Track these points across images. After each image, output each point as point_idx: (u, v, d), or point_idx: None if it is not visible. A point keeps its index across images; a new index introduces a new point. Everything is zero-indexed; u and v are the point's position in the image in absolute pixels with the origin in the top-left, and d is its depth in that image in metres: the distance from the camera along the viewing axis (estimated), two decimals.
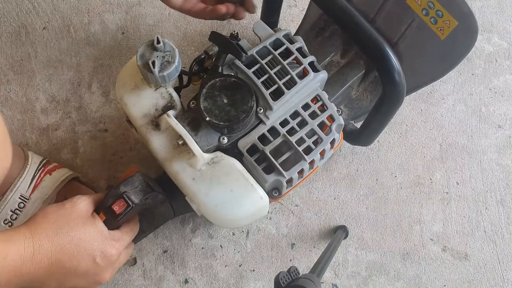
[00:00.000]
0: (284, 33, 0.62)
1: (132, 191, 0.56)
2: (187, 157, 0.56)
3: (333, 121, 0.59)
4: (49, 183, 0.67)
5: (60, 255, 0.51)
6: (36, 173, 0.67)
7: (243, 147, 0.57)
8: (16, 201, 0.65)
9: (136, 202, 0.56)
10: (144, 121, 0.58)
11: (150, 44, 0.56)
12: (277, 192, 0.58)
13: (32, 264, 0.49)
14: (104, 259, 0.55)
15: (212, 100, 0.56)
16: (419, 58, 0.72)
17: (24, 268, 0.49)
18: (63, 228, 0.52)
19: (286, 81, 0.59)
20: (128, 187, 0.56)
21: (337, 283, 0.73)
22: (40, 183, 0.66)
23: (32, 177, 0.66)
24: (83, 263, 0.53)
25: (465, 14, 0.70)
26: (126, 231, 0.59)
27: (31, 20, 0.83)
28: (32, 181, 0.66)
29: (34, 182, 0.66)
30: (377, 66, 0.56)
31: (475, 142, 0.80)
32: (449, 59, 0.73)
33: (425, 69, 0.73)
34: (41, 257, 0.50)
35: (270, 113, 0.58)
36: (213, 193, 0.55)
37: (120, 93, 0.59)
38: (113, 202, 0.55)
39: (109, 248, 0.55)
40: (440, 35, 0.70)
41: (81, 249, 0.53)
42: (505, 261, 0.75)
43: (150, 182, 0.58)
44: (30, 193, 0.65)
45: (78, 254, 0.53)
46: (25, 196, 0.65)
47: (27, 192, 0.65)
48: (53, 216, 0.53)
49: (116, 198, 0.55)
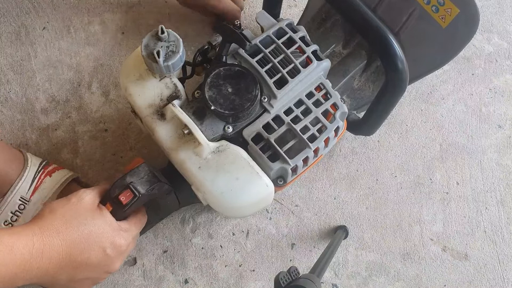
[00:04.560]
0: (287, 22, 0.62)
1: (139, 181, 0.57)
2: (193, 146, 0.56)
3: (337, 109, 0.60)
4: (50, 185, 0.66)
5: (70, 249, 0.52)
6: (36, 175, 0.67)
7: (248, 135, 0.57)
8: (16, 203, 0.65)
9: (143, 192, 0.56)
10: (149, 111, 0.58)
11: (155, 34, 0.56)
12: (282, 180, 0.59)
13: (42, 260, 0.49)
14: (114, 250, 0.55)
15: (216, 89, 0.56)
16: (421, 47, 0.72)
17: (33, 263, 0.49)
18: (72, 223, 0.53)
19: (289, 69, 0.59)
20: (134, 178, 0.57)
21: (337, 283, 0.73)
22: (40, 185, 0.66)
23: (32, 179, 0.66)
24: (94, 255, 0.54)
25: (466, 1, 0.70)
26: (134, 222, 0.59)
27: (31, 20, 0.83)
28: (32, 183, 0.66)
29: (35, 184, 0.66)
30: (380, 53, 0.57)
31: (475, 142, 0.80)
32: (451, 48, 0.73)
33: (427, 58, 0.73)
34: (51, 253, 0.50)
35: (274, 101, 0.58)
36: (219, 181, 0.55)
37: (124, 83, 0.59)
38: (119, 192, 0.56)
39: (118, 239, 0.56)
40: (442, 24, 0.69)
41: (92, 242, 0.53)
42: (505, 261, 0.75)
43: (155, 173, 0.59)
44: (30, 195, 0.65)
45: (89, 247, 0.53)
46: (26, 198, 0.65)
47: (27, 194, 0.65)
48: (61, 211, 0.54)
49: (122, 188, 0.56)
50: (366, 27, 0.57)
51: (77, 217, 0.54)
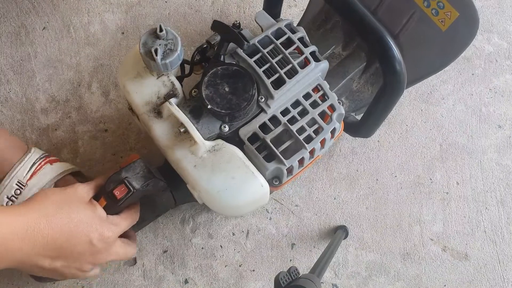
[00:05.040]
0: (286, 22, 0.62)
1: (133, 176, 0.57)
2: (189, 144, 0.56)
3: (334, 111, 0.60)
4: (49, 171, 0.65)
5: (57, 234, 0.51)
6: (37, 161, 0.65)
7: (244, 135, 0.57)
8: (13, 188, 0.63)
9: (137, 187, 0.56)
10: (146, 109, 0.58)
11: (153, 32, 0.56)
12: (278, 181, 0.59)
13: (25, 241, 0.49)
14: (100, 241, 0.55)
15: (213, 88, 0.56)
16: (421, 50, 0.72)
17: (14, 243, 0.48)
18: (63, 209, 0.53)
19: (287, 70, 0.59)
20: (130, 173, 0.57)
21: (337, 283, 0.73)
22: (39, 170, 0.64)
23: (32, 164, 0.64)
24: (80, 244, 0.54)
25: (466, 5, 0.70)
26: (125, 217, 0.60)
27: (31, 20, 0.83)
28: (31, 167, 0.64)
29: (34, 168, 0.64)
30: (378, 55, 0.57)
31: (475, 142, 0.80)
32: (450, 51, 0.73)
33: (426, 61, 0.73)
34: (35, 235, 0.50)
35: (271, 101, 0.58)
36: (214, 180, 0.55)
37: (122, 81, 0.59)
38: (114, 187, 0.56)
39: (106, 231, 0.56)
40: (441, 27, 0.69)
41: (79, 230, 0.53)
42: (505, 261, 0.75)
43: (151, 169, 0.59)
44: (27, 179, 0.63)
45: (76, 235, 0.53)
46: (22, 182, 0.63)
47: (24, 178, 0.63)
48: (54, 197, 0.54)
49: (117, 183, 0.56)
50: (364, 29, 0.57)
51: (69, 204, 0.54)
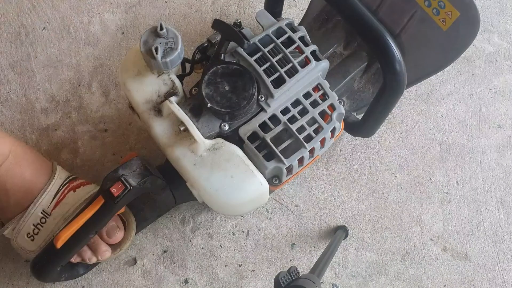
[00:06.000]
0: (287, 22, 0.62)
1: (130, 174, 0.57)
2: (188, 143, 0.56)
3: (334, 110, 0.60)
4: (72, 201, 0.65)
5: None
6: (60, 189, 0.65)
7: (244, 134, 0.57)
8: (38, 216, 0.64)
9: (134, 184, 0.56)
10: (146, 107, 0.58)
11: (154, 31, 0.56)
12: (277, 180, 0.59)
13: None
14: None
15: (214, 87, 0.56)
16: (421, 50, 0.72)
17: None
18: None
19: (287, 69, 0.59)
20: (126, 171, 0.57)
21: (337, 283, 0.73)
22: (62, 199, 0.65)
23: (55, 193, 0.65)
24: None
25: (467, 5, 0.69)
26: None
27: (31, 20, 0.83)
28: (55, 197, 0.65)
29: (57, 198, 0.65)
30: (378, 55, 0.57)
31: (475, 142, 0.80)
32: (451, 51, 0.73)
33: (427, 61, 0.73)
34: None
35: (271, 100, 0.58)
36: (214, 178, 0.55)
37: (123, 79, 0.60)
38: (111, 185, 0.56)
39: None
40: (442, 26, 0.69)
41: None
42: (505, 261, 0.75)
43: (148, 166, 0.59)
44: (52, 209, 0.64)
45: None
46: (47, 212, 0.64)
47: (49, 208, 0.64)
48: None
49: (114, 181, 0.56)
50: (364, 29, 0.57)
51: None
